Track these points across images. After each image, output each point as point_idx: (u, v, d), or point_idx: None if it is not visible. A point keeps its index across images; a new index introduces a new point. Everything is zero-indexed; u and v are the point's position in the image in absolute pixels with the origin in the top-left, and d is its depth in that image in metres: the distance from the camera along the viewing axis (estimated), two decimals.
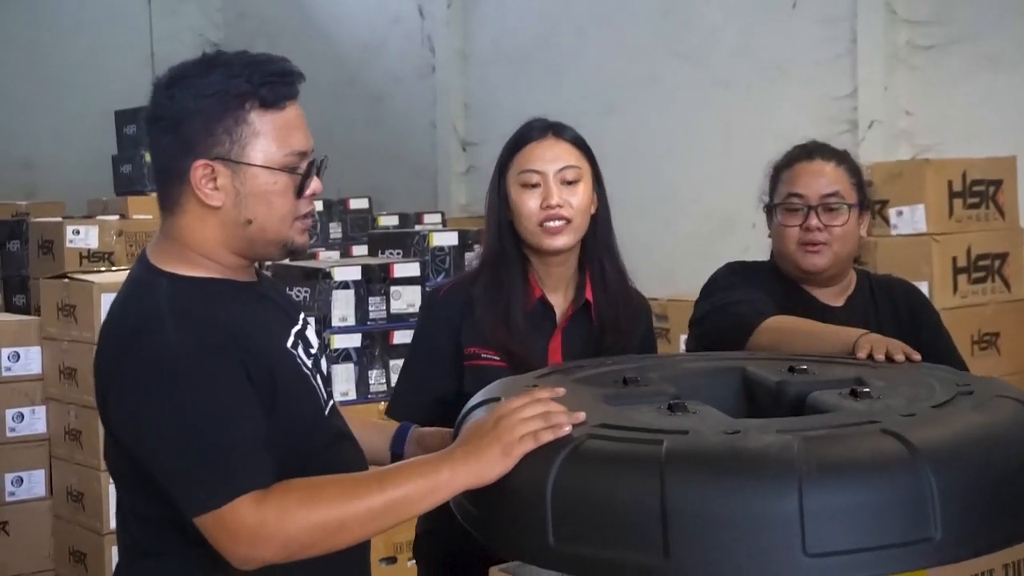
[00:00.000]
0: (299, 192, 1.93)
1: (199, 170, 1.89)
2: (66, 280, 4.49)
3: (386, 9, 8.45)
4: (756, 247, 2.94)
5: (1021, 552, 1.82)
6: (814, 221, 2.65)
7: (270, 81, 1.90)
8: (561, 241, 2.52)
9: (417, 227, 6.45)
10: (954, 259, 4.21)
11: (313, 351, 2.04)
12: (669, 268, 5.63)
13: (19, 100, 8.70)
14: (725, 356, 2.29)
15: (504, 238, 2.58)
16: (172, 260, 1.93)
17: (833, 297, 2.76)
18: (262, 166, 1.90)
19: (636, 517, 1.57)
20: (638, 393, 1.94)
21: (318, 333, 2.14)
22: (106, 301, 4.25)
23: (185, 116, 1.89)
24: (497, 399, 1.88)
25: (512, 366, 2.43)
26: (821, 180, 2.68)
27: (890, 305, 2.78)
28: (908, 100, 5.68)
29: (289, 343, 1.96)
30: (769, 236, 2.80)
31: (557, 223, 2.50)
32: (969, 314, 4.22)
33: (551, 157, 2.52)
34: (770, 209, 2.77)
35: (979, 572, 1.78)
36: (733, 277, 2.76)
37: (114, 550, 4.22)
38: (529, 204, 2.52)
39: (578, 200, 2.51)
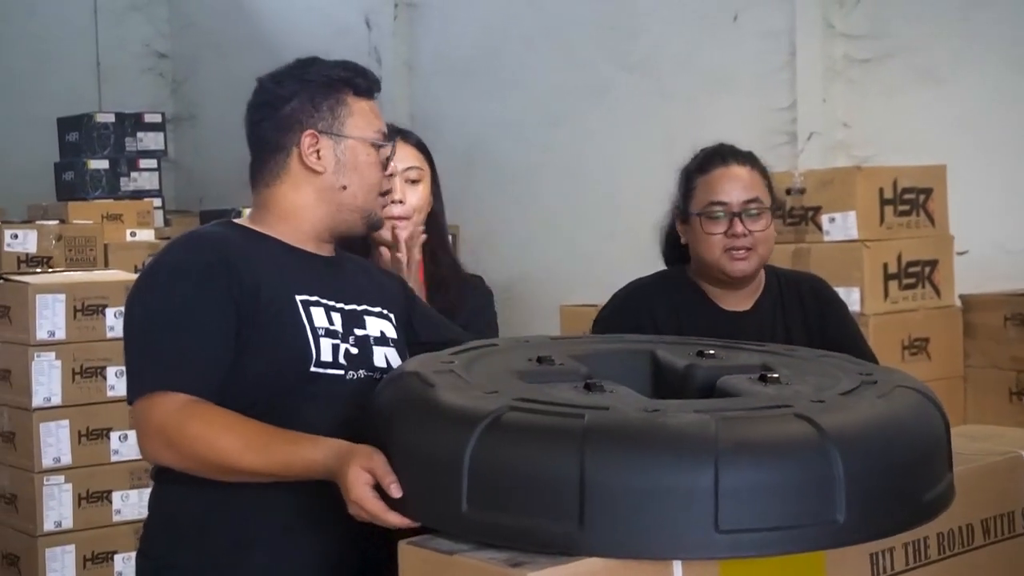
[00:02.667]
0: (385, 165, 2.26)
1: (307, 139, 2.20)
2: (1, 281, 4.47)
3: (333, 21, 8.46)
4: None
5: (921, 531, 1.87)
6: (739, 228, 2.67)
7: (362, 73, 2.27)
8: (402, 235, 2.70)
9: None
10: (885, 265, 4.26)
11: (361, 332, 2.22)
12: (612, 278, 5.64)
13: None
14: (635, 339, 2.33)
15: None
16: (252, 220, 2.27)
17: (741, 301, 2.78)
18: (359, 139, 2.21)
19: (554, 487, 1.61)
20: (552, 371, 1.97)
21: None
22: (41, 303, 4.24)
23: (292, 96, 2.22)
24: (415, 374, 1.91)
25: None
26: (740, 185, 2.70)
27: (797, 302, 2.81)
28: (845, 112, 5.75)
29: (303, 297, 2.15)
30: (684, 244, 2.81)
31: (396, 215, 2.70)
32: (900, 320, 4.28)
33: (400, 157, 2.71)
34: (685, 216, 2.77)
35: (880, 550, 1.82)
36: (617, 319, 2.75)
37: (48, 553, 4.24)
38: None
39: (416, 198, 2.76)
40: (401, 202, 2.70)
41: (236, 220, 2.30)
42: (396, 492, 1.80)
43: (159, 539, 2.19)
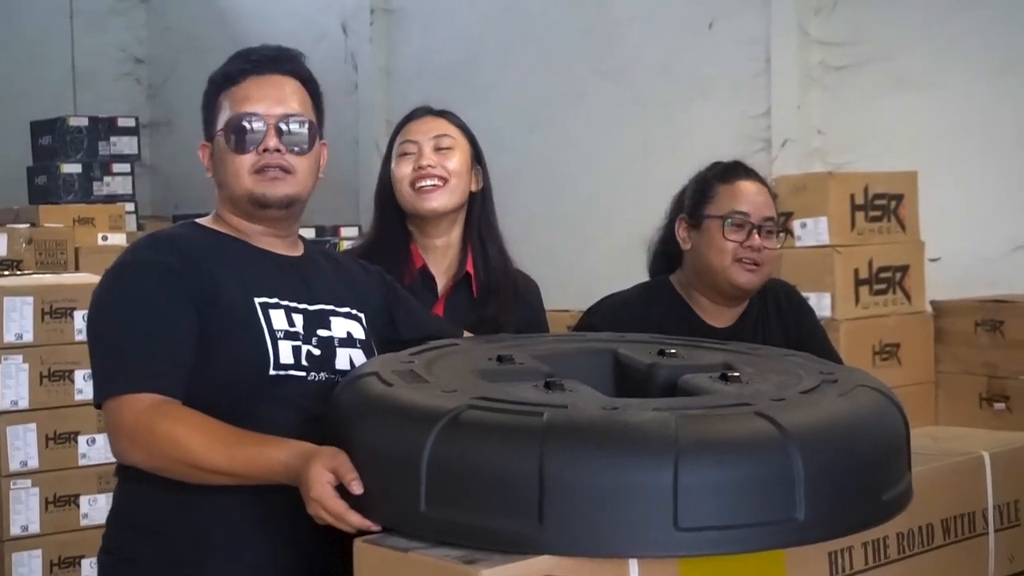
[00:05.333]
0: (236, 147, 2.18)
1: (201, 151, 2.27)
2: None
3: (311, 26, 8.44)
4: None
5: (881, 531, 1.86)
6: (757, 240, 2.67)
7: (237, 59, 2.25)
8: (436, 201, 2.67)
9: (331, 238, 6.48)
10: (856, 271, 4.27)
11: (324, 333, 2.20)
12: (588, 283, 5.64)
13: None
14: (597, 337, 2.33)
15: (386, 214, 2.73)
16: (214, 220, 2.28)
17: (726, 317, 2.76)
18: (219, 131, 2.21)
19: (513, 485, 1.61)
20: (512, 370, 1.97)
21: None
22: (9, 305, 4.20)
23: (202, 107, 2.28)
24: (374, 374, 1.91)
25: None
26: (761, 202, 2.72)
27: (776, 312, 2.82)
28: (820, 119, 5.76)
29: (261, 300, 2.14)
30: (687, 248, 2.78)
31: (429, 183, 2.66)
32: (871, 325, 4.28)
33: (426, 129, 2.71)
34: (697, 221, 2.75)
35: (839, 549, 1.81)
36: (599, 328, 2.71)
37: (15, 557, 4.19)
38: (405, 168, 2.70)
39: (453, 164, 2.69)
40: (431, 166, 2.66)
41: (199, 221, 2.29)
42: (357, 488, 1.79)
43: (120, 535, 2.19)
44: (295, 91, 2.24)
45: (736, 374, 1.90)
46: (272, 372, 2.12)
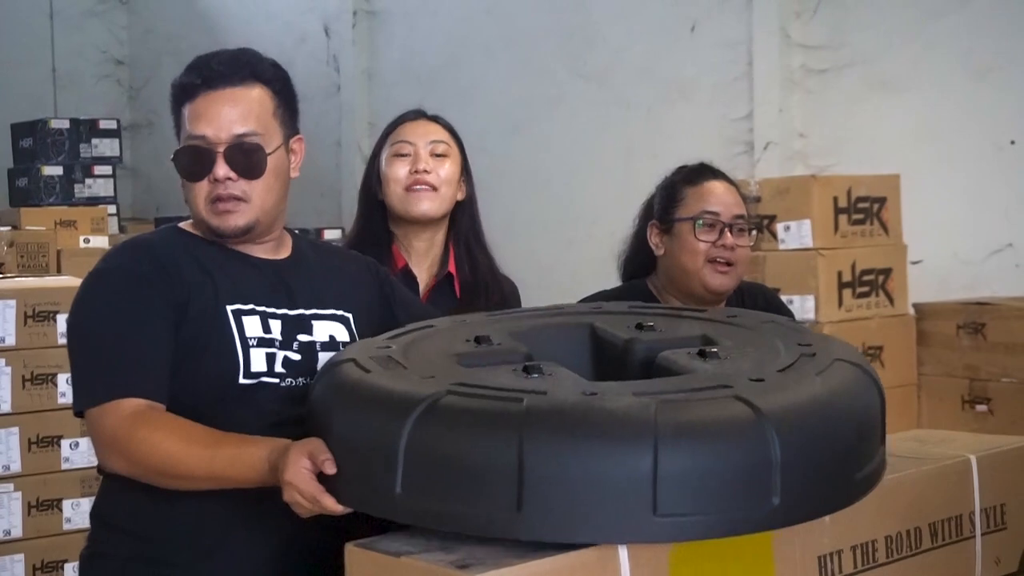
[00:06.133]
0: (188, 176, 2.14)
1: (173, 160, 2.17)
2: None
3: (293, 28, 8.44)
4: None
5: (870, 534, 1.87)
6: (729, 239, 2.68)
7: (191, 70, 2.15)
8: (426, 205, 2.67)
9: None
10: (839, 274, 4.29)
11: (305, 338, 2.18)
12: (570, 286, 5.65)
13: None
14: (574, 310, 2.31)
15: (370, 212, 2.74)
16: (188, 224, 2.24)
17: None
18: (177, 151, 2.15)
19: (491, 471, 1.61)
20: (490, 352, 1.97)
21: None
22: None
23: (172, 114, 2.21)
24: (352, 360, 1.91)
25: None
26: (731, 201, 2.73)
27: None
28: (803, 122, 5.78)
29: (234, 307, 2.12)
30: (660, 253, 2.79)
31: (424, 187, 2.67)
32: (854, 328, 4.29)
33: (423, 132, 2.71)
34: (668, 225, 2.76)
35: (828, 552, 1.82)
36: None
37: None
38: (399, 170, 2.69)
39: (446, 172, 2.70)
40: (427, 171, 2.67)
41: (181, 225, 2.26)
42: (330, 468, 1.79)
43: (97, 532, 2.20)
44: (250, 105, 2.14)
45: (714, 350, 1.88)
46: (242, 380, 2.11)
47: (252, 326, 2.13)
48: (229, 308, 2.13)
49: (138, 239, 2.24)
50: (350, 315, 2.28)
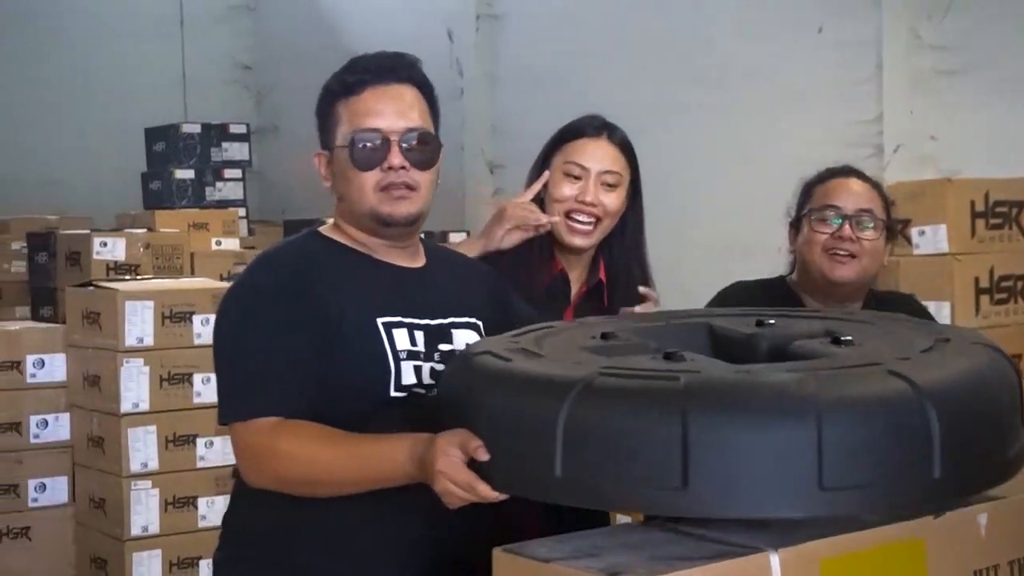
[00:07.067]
0: (360, 164, 2.16)
1: (316, 159, 2.25)
2: (91, 288, 4.54)
3: (415, 33, 8.49)
4: (777, 272, 2.96)
5: None
6: (847, 230, 2.69)
7: (353, 67, 2.21)
8: (581, 240, 2.65)
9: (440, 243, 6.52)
10: (976, 279, 4.19)
11: (446, 347, 2.19)
12: (688, 290, 5.61)
13: (52, 120, 8.79)
14: (687, 313, 2.32)
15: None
16: (335, 230, 2.26)
17: None
18: (339, 146, 2.18)
19: (655, 449, 1.61)
20: (620, 346, 1.97)
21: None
22: (130, 309, 4.30)
23: (317, 114, 2.25)
24: (487, 352, 1.92)
25: None
26: (856, 196, 2.74)
27: None
28: (933, 124, 5.66)
29: (385, 320, 2.14)
30: (792, 251, 2.83)
31: (585, 220, 2.63)
32: (992, 335, 4.13)
33: (599, 156, 2.66)
34: (797, 222, 2.80)
35: (983, 567, 1.79)
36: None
37: (135, 557, 4.29)
38: (565, 190, 2.65)
39: (611, 203, 2.65)
40: (592, 204, 2.63)
41: (321, 229, 2.28)
42: (483, 455, 1.79)
43: (235, 532, 2.22)
44: (415, 100, 2.21)
45: (848, 337, 1.88)
46: (393, 393, 2.13)
47: (401, 339, 2.15)
48: (380, 321, 2.14)
49: (284, 250, 2.26)
50: (480, 323, 2.30)
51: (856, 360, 1.74)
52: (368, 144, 2.16)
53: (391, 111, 2.17)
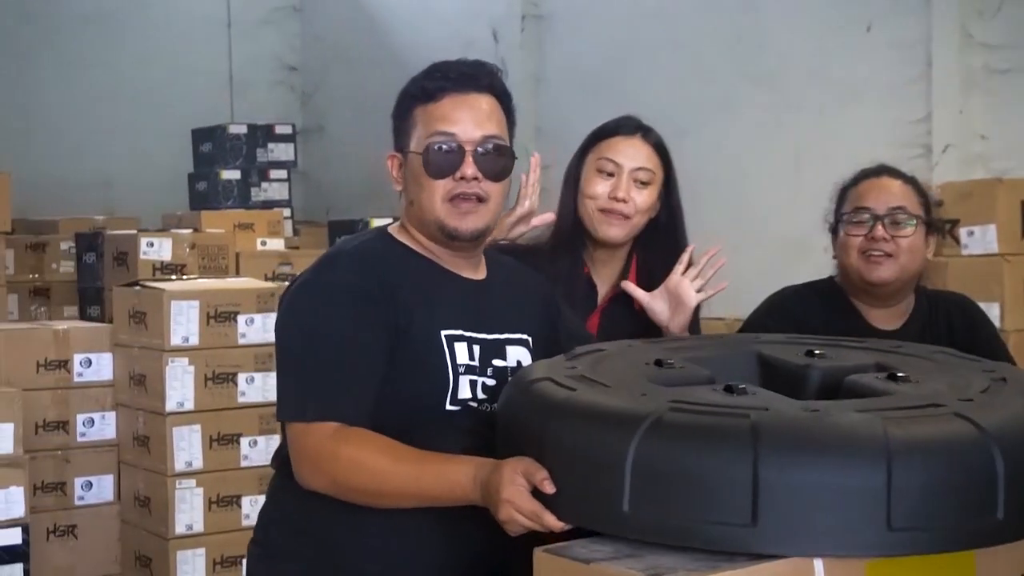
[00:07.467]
0: (432, 172, 2.15)
1: (389, 162, 2.25)
2: (138, 288, 4.58)
3: (461, 33, 8.51)
4: (827, 272, 2.94)
5: None
6: (880, 231, 2.67)
7: (433, 74, 2.20)
8: (615, 232, 2.65)
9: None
10: None
11: (500, 363, 2.19)
12: (739, 291, 5.58)
13: (100, 121, 8.85)
14: (734, 340, 2.36)
15: (569, 215, 2.72)
16: (397, 229, 2.26)
17: (889, 320, 2.75)
18: (413, 151, 2.18)
19: (725, 486, 1.63)
20: (677, 375, 1.98)
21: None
22: (176, 309, 4.32)
23: (393, 116, 2.24)
24: (547, 379, 1.92)
25: None
26: (888, 194, 2.71)
27: (945, 323, 2.77)
28: (983, 124, 5.60)
29: (448, 332, 2.13)
30: (834, 257, 2.82)
31: (616, 215, 2.64)
32: None
33: (632, 154, 2.67)
34: (835, 226, 2.78)
35: None
36: (767, 320, 2.75)
37: (179, 555, 4.32)
38: (598, 188, 2.66)
39: (643, 200, 2.65)
40: (624, 200, 2.64)
41: (390, 230, 2.26)
42: (549, 488, 1.80)
43: (276, 529, 2.21)
44: (492, 110, 2.20)
45: (904, 374, 1.92)
46: (449, 407, 2.13)
47: (462, 352, 2.15)
48: (443, 333, 2.14)
49: (359, 250, 2.21)
50: (530, 338, 2.29)
51: (919, 400, 1.78)
52: (443, 149, 2.15)
53: (468, 119, 2.16)
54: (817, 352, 2.09)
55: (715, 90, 6.86)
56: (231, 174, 7.68)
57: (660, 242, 2.72)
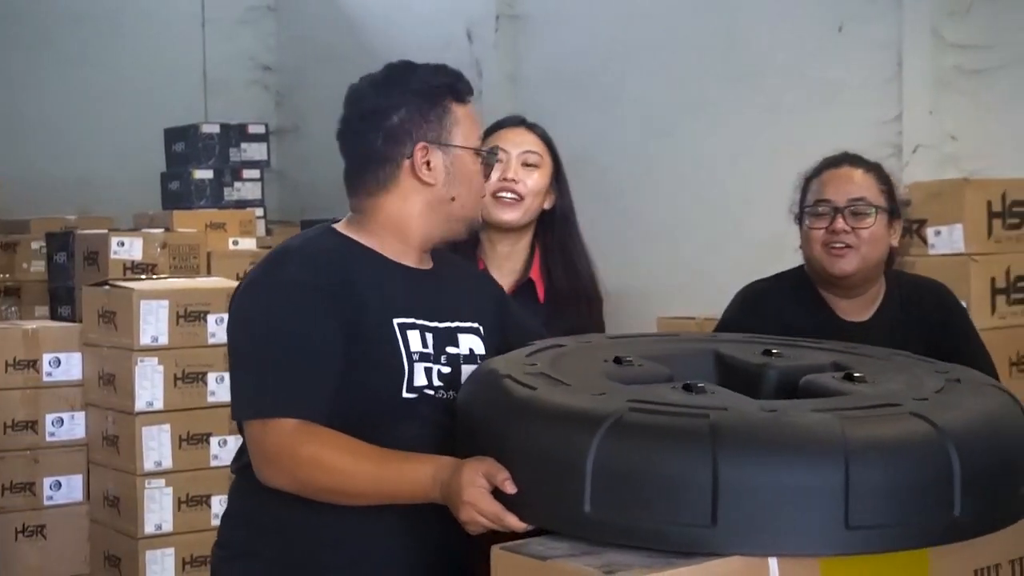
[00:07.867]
0: (488, 172, 2.30)
1: (419, 152, 2.18)
2: (107, 287, 4.56)
3: (437, 34, 8.50)
4: None
5: None
6: (840, 223, 2.67)
7: (459, 77, 2.24)
8: (510, 214, 2.75)
9: None
10: (993, 280, 4.16)
11: (453, 351, 2.20)
12: (715, 291, 5.58)
13: (75, 120, 8.83)
14: (691, 337, 2.39)
15: None
16: (353, 228, 2.23)
17: (858, 310, 2.75)
18: (466, 148, 2.21)
19: (685, 487, 1.64)
20: (636, 373, 1.99)
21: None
22: (145, 308, 4.31)
23: (400, 106, 2.18)
24: (507, 376, 1.93)
25: None
26: (848, 185, 2.71)
27: (918, 312, 2.76)
28: (954, 125, 5.62)
29: (400, 321, 2.14)
30: (800, 248, 2.81)
31: (509, 197, 2.74)
32: (1008, 335, 4.16)
33: (518, 140, 2.79)
34: (799, 218, 2.77)
35: (984, 567, 1.78)
36: (740, 316, 2.78)
37: (148, 555, 4.30)
38: (490, 176, 2.69)
39: (533, 182, 2.76)
40: (514, 180, 2.74)
41: (336, 227, 2.26)
42: (510, 488, 1.80)
43: (239, 531, 2.21)
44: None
45: (860, 374, 1.94)
46: (405, 394, 2.13)
47: (415, 340, 2.15)
48: (396, 322, 2.14)
49: (310, 246, 2.21)
50: (481, 328, 2.30)
51: (876, 400, 1.79)
52: (494, 156, 2.37)
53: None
54: (774, 352, 2.10)
55: (690, 90, 6.87)
56: (204, 173, 7.66)
57: (557, 233, 2.82)
